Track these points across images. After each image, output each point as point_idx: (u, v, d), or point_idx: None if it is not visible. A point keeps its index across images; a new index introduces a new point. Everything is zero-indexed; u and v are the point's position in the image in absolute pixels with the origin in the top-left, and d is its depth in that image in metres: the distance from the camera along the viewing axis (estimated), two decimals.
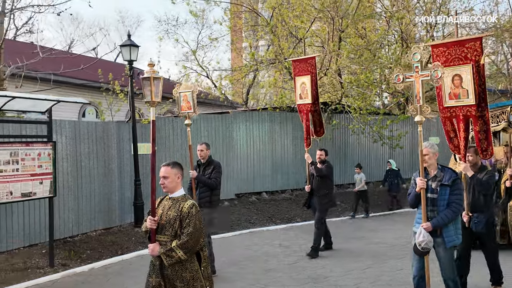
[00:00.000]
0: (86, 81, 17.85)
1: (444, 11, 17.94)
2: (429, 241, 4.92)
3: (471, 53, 5.55)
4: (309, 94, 8.37)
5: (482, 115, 5.65)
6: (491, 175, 5.96)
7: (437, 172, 5.18)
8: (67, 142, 9.95)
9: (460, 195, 5.13)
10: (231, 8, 16.80)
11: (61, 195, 9.31)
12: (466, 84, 5.58)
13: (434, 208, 5.09)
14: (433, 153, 5.19)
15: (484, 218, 5.84)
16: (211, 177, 7.26)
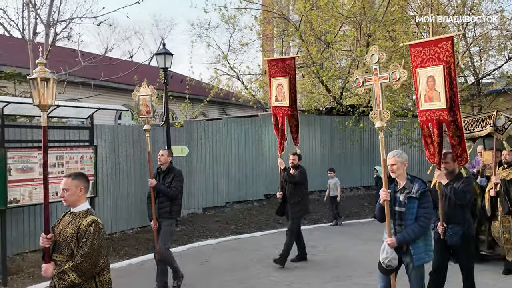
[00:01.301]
0: (123, 84, 18.39)
1: (475, 13, 17.80)
2: (393, 258, 4.47)
3: (443, 54, 5.12)
4: (287, 96, 7.69)
5: (454, 120, 5.21)
6: (468, 184, 5.44)
7: (406, 183, 4.70)
8: (106, 146, 10.30)
9: (429, 208, 4.65)
10: (262, 14, 17.05)
11: (101, 195, 9.55)
12: (438, 86, 5.19)
13: (402, 223, 4.63)
14: (401, 162, 4.69)
15: (460, 230, 5.28)
16: (171, 186, 6.69)
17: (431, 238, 4.82)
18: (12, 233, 8.24)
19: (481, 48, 19.14)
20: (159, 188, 6.69)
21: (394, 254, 4.47)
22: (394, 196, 4.72)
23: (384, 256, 4.48)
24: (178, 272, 6.83)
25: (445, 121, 5.26)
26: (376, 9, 14.90)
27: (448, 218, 5.38)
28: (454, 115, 5.18)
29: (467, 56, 19.13)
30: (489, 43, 18.81)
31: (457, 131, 5.26)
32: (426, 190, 4.60)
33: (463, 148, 5.32)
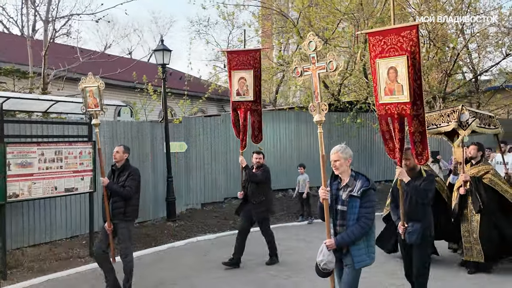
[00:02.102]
0: (122, 81, 18.42)
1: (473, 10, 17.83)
2: (329, 261, 4.18)
3: (407, 43, 4.69)
4: (251, 91, 7.13)
5: (417, 115, 4.83)
6: (430, 181, 5.16)
7: (349, 181, 4.35)
8: (105, 141, 10.24)
9: (371, 208, 4.26)
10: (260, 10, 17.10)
11: (99, 190, 9.35)
12: (401, 78, 4.74)
13: (344, 222, 4.29)
14: (345, 158, 4.33)
15: (420, 228, 5.00)
16: (125, 185, 6.08)
17: (373, 240, 4.42)
18: (11, 227, 8.27)
19: (479, 44, 19.18)
20: (111, 187, 6.10)
21: (331, 257, 4.21)
22: (337, 194, 4.41)
23: (320, 258, 4.21)
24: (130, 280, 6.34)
25: (407, 115, 4.87)
26: (374, 5, 14.93)
27: (408, 217, 5.12)
28: (417, 109, 4.82)
29: (465, 52, 19.18)
30: (486, 40, 18.83)
31: (420, 126, 4.90)
32: (369, 189, 4.24)
33: (424, 146, 4.97)
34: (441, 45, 17.45)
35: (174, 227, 10.85)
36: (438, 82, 18.51)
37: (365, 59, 14.57)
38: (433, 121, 7.24)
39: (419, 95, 4.82)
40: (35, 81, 12.64)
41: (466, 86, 20.03)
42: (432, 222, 5.22)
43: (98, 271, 7.56)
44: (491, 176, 6.89)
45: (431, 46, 17.31)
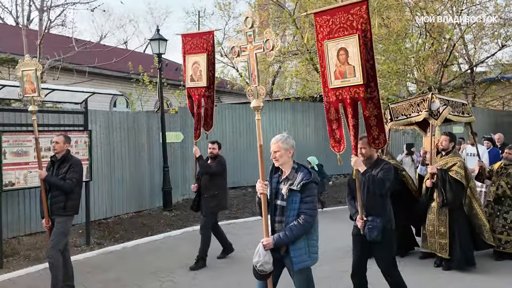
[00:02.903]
0: (118, 72, 18.37)
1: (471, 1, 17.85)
2: (265, 263, 3.76)
3: (357, 21, 4.31)
4: (204, 76, 6.58)
5: (372, 97, 4.43)
6: (388, 171, 4.68)
7: (290, 173, 3.96)
8: (101, 131, 10.27)
9: (311, 203, 3.86)
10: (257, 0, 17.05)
11: (95, 180, 9.54)
12: (353, 59, 4.36)
13: (283, 219, 3.89)
14: (285, 149, 3.93)
15: (380, 223, 4.54)
16: (65, 177, 5.55)
17: (316, 238, 3.99)
18: (7, 216, 8.26)
19: (475, 36, 19.20)
20: (50, 180, 5.60)
21: (267, 257, 3.78)
22: (277, 188, 4.01)
23: (256, 259, 3.79)
24: (58, 284, 5.64)
25: (361, 99, 4.47)
26: None
27: (367, 210, 4.67)
28: (371, 92, 4.43)
29: (461, 43, 19.22)
30: (482, 31, 18.85)
31: (375, 109, 4.50)
32: (310, 182, 3.84)
33: (380, 129, 4.57)
34: (437, 36, 17.48)
35: (170, 216, 10.87)
36: (434, 73, 18.55)
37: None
38: (403, 111, 6.89)
39: (373, 77, 4.43)
40: None
41: (461, 77, 20.09)
42: (392, 215, 4.82)
43: (94, 260, 7.77)
44: (457, 169, 6.46)
45: (427, 37, 17.34)
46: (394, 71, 14.70)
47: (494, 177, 7.17)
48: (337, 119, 4.75)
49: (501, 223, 7.00)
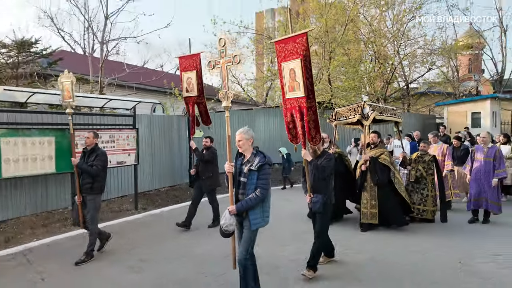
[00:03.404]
0: (156, 87, 18.31)
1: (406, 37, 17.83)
2: (229, 224, 3.70)
3: (300, 48, 4.25)
4: (195, 87, 6.30)
5: (310, 106, 4.34)
6: (328, 160, 4.55)
7: (250, 157, 3.86)
8: (145, 129, 10.23)
9: (265, 180, 3.73)
10: (255, 36, 16.96)
11: (141, 163, 9.51)
12: (298, 77, 4.31)
13: (244, 192, 3.79)
14: (246, 138, 3.90)
15: (322, 199, 4.48)
16: (93, 164, 5.36)
17: (268, 205, 3.86)
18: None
19: (410, 61, 19.20)
20: (81, 166, 5.39)
21: (232, 220, 3.71)
22: (240, 168, 3.89)
23: (222, 222, 3.71)
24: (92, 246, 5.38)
25: (304, 107, 4.37)
26: (336, 32, 14.85)
27: (313, 189, 4.59)
28: (310, 102, 4.34)
29: (400, 67, 19.20)
30: (415, 58, 18.85)
31: (313, 115, 4.38)
32: (264, 164, 3.74)
33: (317, 131, 4.42)
34: (383, 62, 17.47)
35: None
36: (380, 88, 18.53)
37: (329, 71, 14.59)
38: (344, 114, 6.71)
39: (311, 91, 4.32)
40: (94, 86, 12.54)
41: (400, 91, 20.11)
42: (332, 193, 4.67)
43: (140, 220, 7.72)
44: (384, 157, 6.38)
45: (376, 62, 17.31)
46: (352, 87, 14.68)
47: (413, 163, 7.10)
48: (293, 121, 4.61)
49: (419, 197, 7.00)
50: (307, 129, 4.41)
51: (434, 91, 21.45)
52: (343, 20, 14.60)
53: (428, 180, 6.96)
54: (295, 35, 4.29)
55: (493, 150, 6.72)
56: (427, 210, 6.92)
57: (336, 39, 14.60)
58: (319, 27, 14.72)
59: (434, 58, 18.93)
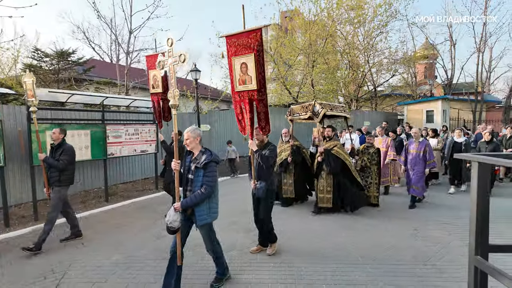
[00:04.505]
0: None
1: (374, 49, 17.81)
2: (173, 221, 3.12)
3: (253, 43, 3.70)
4: (160, 84, 5.66)
5: (262, 99, 3.83)
6: (271, 151, 4.04)
7: (198, 155, 3.27)
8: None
9: (211, 177, 3.15)
10: None
11: (160, 151, 9.42)
12: (251, 71, 3.77)
13: (191, 188, 3.22)
14: (193, 137, 3.28)
15: (265, 186, 3.98)
16: (59, 159, 4.65)
17: (216, 201, 3.30)
18: (110, 172, 8.25)
19: (377, 69, 19.22)
20: (47, 161, 4.67)
21: (176, 217, 3.13)
22: (189, 166, 3.30)
23: (167, 218, 3.14)
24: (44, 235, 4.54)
25: (255, 100, 3.85)
26: (318, 45, 14.78)
27: (257, 176, 4.08)
28: (262, 95, 3.83)
29: (369, 74, 19.21)
30: (381, 66, 18.87)
31: (264, 108, 3.87)
32: (210, 161, 3.19)
33: (267, 122, 3.95)
34: (356, 69, 17.46)
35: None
36: (353, 91, 18.56)
37: (312, 77, 14.59)
38: (298, 111, 6.13)
39: (263, 84, 3.81)
40: (121, 88, 12.44)
41: (369, 93, 20.14)
42: (274, 180, 4.15)
43: (159, 197, 7.61)
44: (337, 149, 5.96)
45: (350, 69, 17.30)
46: (331, 90, 14.70)
47: (360, 154, 6.67)
48: (241, 113, 4.06)
49: (364, 184, 6.49)
50: (258, 120, 3.94)
51: (396, 93, 21.53)
52: (323, 35, 14.52)
53: (372, 169, 6.51)
54: (248, 31, 3.74)
55: (423, 144, 6.38)
56: (370, 196, 6.45)
57: (318, 50, 14.55)
58: (304, 41, 14.66)
59: (397, 67, 18.95)
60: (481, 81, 18.96)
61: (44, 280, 3.68)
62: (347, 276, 3.60)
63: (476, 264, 1.30)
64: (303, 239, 4.70)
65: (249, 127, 3.96)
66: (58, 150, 4.71)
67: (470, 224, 1.33)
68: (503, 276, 1.26)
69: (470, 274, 1.35)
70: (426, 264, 3.90)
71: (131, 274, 3.75)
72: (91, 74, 12.73)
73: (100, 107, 8.09)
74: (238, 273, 3.70)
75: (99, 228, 5.40)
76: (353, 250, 4.30)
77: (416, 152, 6.38)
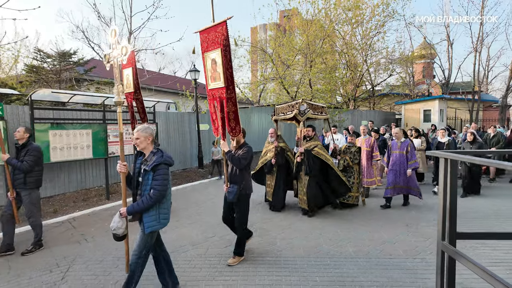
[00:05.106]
0: (171, 89, 18.31)
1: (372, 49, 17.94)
2: (118, 228, 2.90)
3: (220, 38, 3.42)
4: (132, 83, 5.19)
5: (230, 97, 3.54)
6: (246, 152, 3.80)
7: (148, 156, 2.97)
8: (162, 124, 10.29)
9: (160, 181, 2.85)
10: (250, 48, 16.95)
11: None
12: (219, 68, 3.51)
13: (140, 192, 2.94)
14: (145, 136, 2.97)
15: (237, 189, 3.75)
16: (24, 160, 4.29)
17: (167, 207, 2.99)
18: (111, 171, 8.31)
19: (375, 69, 19.36)
20: (10, 162, 4.28)
21: (121, 223, 2.91)
22: (139, 168, 3.01)
23: (111, 225, 2.92)
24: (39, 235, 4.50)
25: (224, 98, 3.57)
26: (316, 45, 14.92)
27: (230, 180, 3.85)
28: (230, 93, 3.54)
29: (367, 73, 19.36)
30: (379, 66, 19.01)
31: (233, 107, 3.58)
32: (160, 164, 2.88)
33: (236, 122, 3.64)
34: (354, 69, 17.61)
35: (202, 171, 10.88)
36: (351, 90, 18.70)
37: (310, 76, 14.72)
38: (283, 111, 5.87)
39: (231, 81, 3.51)
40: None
41: (367, 93, 20.29)
42: (248, 183, 3.88)
43: None
44: (317, 149, 5.71)
45: (348, 69, 17.44)
46: (328, 89, 14.82)
47: (342, 154, 6.45)
48: (215, 112, 3.79)
49: None
50: (227, 121, 3.64)
51: (394, 93, 21.69)
52: (321, 35, 14.65)
53: (354, 169, 6.32)
54: (216, 24, 3.47)
55: (405, 144, 6.23)
56: (352, 196, 6.26)
57: (316, 50, 14.69)
58: (302, 41, 14.79)
59: (394, 66, 19.11)
60: (478, 81, 19.13)
61: (50, 273, 3.83)
62: (340, 269, 3.76)
63: (443, 248, 1.47)
64: (298, 236, 4.83)
65: (221, 128, 3.69)
66: (22, 151, 4.37)
67: (438, 214, 1.50)
68: (465, 260, 1.42)
69: (438, 258, 1.51)
70: (415, 258, 4.07)
71: None
72: (91, 74, 12.85)
73: (101, 107, 8.17)
74: (236, 266, 3.87)
75: (100, 225, 5.55)
76: (346, 245, 4.45)
77: (399, 152, 6.25)
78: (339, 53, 16.92)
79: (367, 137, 7.35)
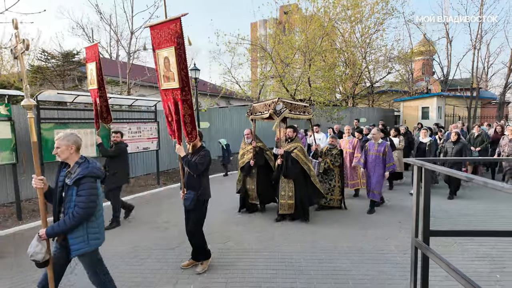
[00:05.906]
0: None
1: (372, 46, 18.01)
2: (35, 253, 2.42)
3: (173, 35, 3.16)
4: (95, 80, 4.90)
5: (186, 99, 3.29)
6: (203, 157, 3.53)
7: (72, 168, 2.51)
8: (163, 122, 10.21)
9: (84, 197, 2.41)
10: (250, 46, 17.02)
11: (161, 148, 9.66)
12: (173, 67, 3.24)
13: (62, 210, 2.50)
14: (66, 145, 2.50)
15: (194, 196, 3.51)
16: None
17: (97, 226, 2.57)
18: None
19: (374, 66, 19.44)
20: None
21: (39, 247, 2.44)
22: (63, 182, 2.51)
23: (28, 250, 2.45)
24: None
25: (179, 100, 3.31)
26: (314, 44, 15.02)
27: (186, 185, 3.61)
28: (185, 95, 3.29)
29: (366, 71, 19.44)
30: (378, 64, 19.09)
31: (188, 109, 3.33)
32: (84, 177, 2.43)
33: (193, 126, 3.39)
34: (353, 67, 17.70)
35: None
36: (350, 88, 18.81)
37: (309, 74, 14.84)
38: (260, 109, 5.57)
39: (187, 82, 3.27)
40: (123, 87, 12.69)
41: (366, 90, 20.39)
42: (206, 189, 3.64)
43: (162, 192, 7.79)
44: (297, 152, 5.37)
45: (347, 67, 17.54)
46: (327, 87, 14.93)
47: (323, 156, 6.16)
48: (170, 114, 3.54)
49: (327, 187, 6.12)
50: (183, 124, 3.38)
51: (393, 90, 21.78)
52: (320, 33, 14.74)
53: (335, 172, 6.08)
54: (168, 21, 3.21)
55: (383, 146, 5.92)
56: (334, 199, 6.10)
57: (315, 49, 14.78)
58: (301, 39, 14.88)
59: (393, 64, 19.18)
60: (477, 78, 19.22)
61: None
62: (333, 263, 3.96)
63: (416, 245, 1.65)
64: (294, 233, 4.93)
65: (177, 130, 3.46)
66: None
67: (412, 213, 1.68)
68: (435, 256, 1.61)
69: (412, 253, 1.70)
70: (406, 253, 4.27)
71: (138, 262, 4.10)
72: None
73: None
74: (235, 262, 4.02)
75: (105, 222, 5.70)
76: (341, 241, 4.62)
77: (375, 154, 5.93)
78: (338, 51, 17.00)
79: (351, 137, 7.10)
